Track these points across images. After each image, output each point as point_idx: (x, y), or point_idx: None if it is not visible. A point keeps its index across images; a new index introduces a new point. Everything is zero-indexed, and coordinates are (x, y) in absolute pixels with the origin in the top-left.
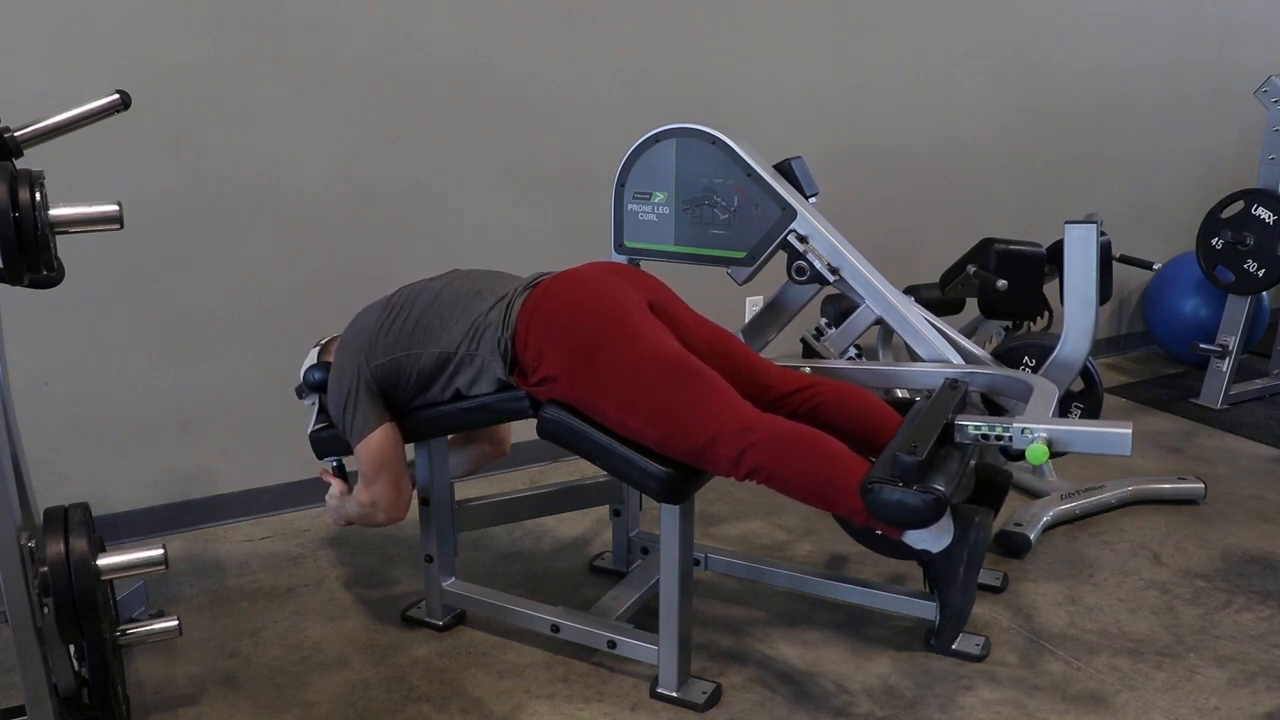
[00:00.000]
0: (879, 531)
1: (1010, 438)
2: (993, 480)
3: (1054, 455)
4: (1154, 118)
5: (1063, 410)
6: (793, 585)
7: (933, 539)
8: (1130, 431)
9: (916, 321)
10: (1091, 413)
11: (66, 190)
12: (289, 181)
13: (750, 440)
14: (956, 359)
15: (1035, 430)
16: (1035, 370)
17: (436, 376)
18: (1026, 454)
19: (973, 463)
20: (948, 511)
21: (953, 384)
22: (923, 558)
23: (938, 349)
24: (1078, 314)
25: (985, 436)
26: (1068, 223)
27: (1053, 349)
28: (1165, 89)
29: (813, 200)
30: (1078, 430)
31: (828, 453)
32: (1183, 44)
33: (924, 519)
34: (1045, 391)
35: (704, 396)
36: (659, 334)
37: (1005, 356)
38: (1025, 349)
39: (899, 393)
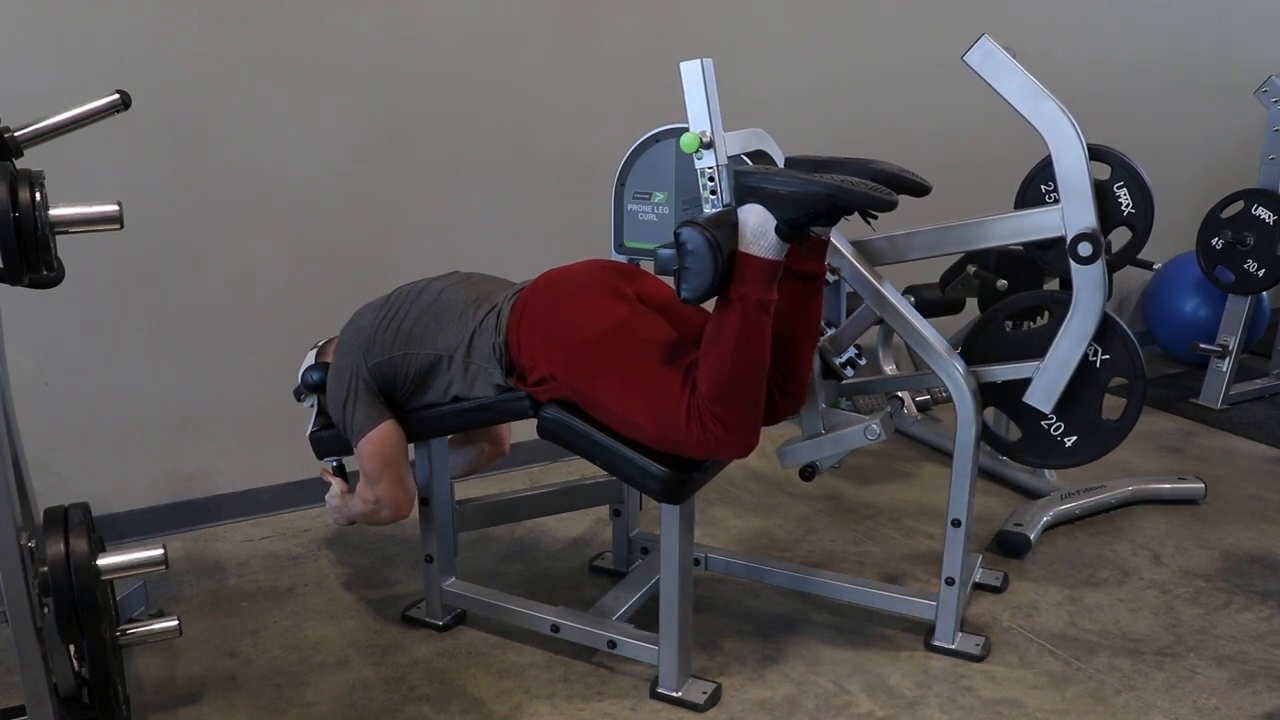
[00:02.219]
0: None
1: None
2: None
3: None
4: (1154, 117)
5: (1105, 198)
6: (793, 585)
7: (760, 224)
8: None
9: (916, 322)
10: (1138, 187)
11: (66, 190)
12: (289, 181)
13: (694, 374)
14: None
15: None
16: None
17: (432, 378)
18: (681, 144)
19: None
20: (748, 208)
21: None
22: (786, 231)
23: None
24: (1036, 113)
25: (706, 192)
26: (964, 54)
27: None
28: (1166, 88)
29: None
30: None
31: (705, 328)
32: (1183, 43)
33: (703, 246)
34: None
35: (680, 379)
36: (650, 323)
37: (1026, 198)
38: (1034, 178)
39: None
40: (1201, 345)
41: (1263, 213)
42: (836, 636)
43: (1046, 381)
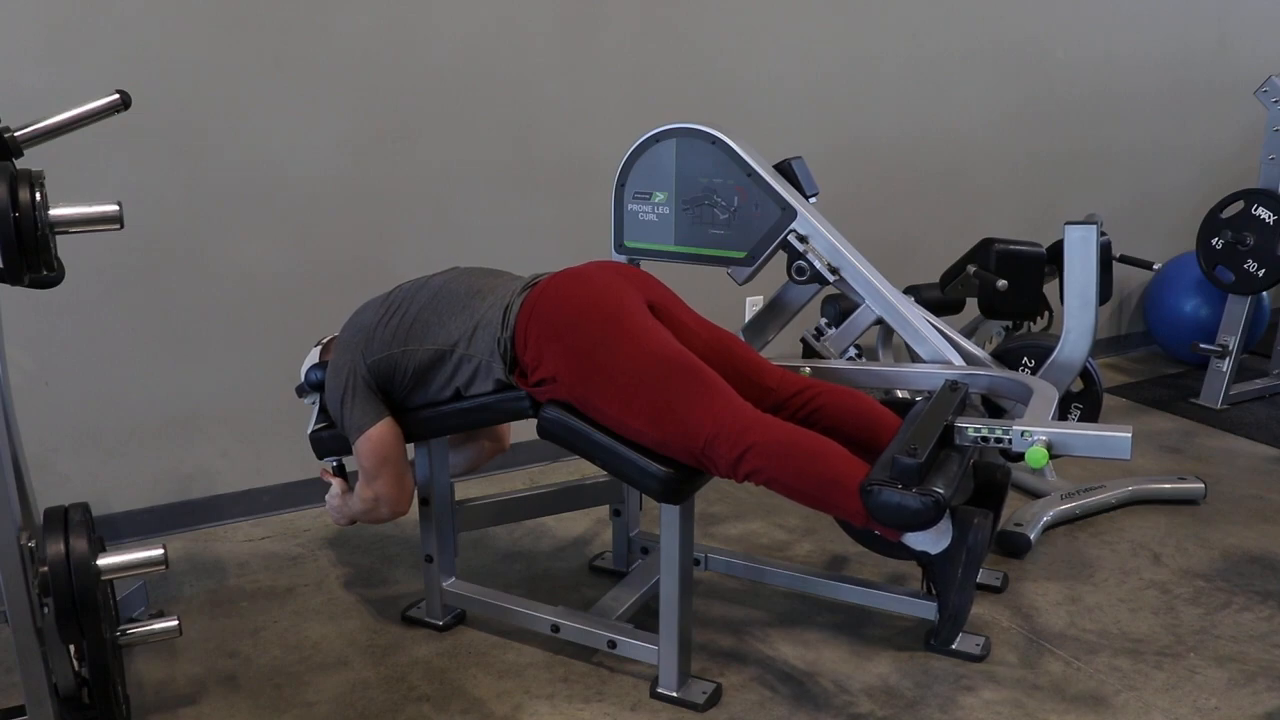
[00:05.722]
0: (878, 533)
1: (1010, 440)
2: (992, 479)
3: (1054, 458)
4: (1154, 116)
5: (1062, 411)
6: (793, 585)
7: (932, 541)
8: (1130, 435)
9: (917, 322)
10: (1090, 413)
11: (66, 190)
12: (289, 181)
13: (750, 442)
14: (957, 359)
15: (1035, 433)
16: (1034, 371)
17: (433, 374)
18: (1026, 457)
19: (972, 462)
20: (946, 513)
21: (952, 385)
22: (922, 558)
23: (938, 349)
24: (1078, 314)
25: (985, 439)
26: (1068, 224)
27: (1052, 349)
28: (1166, 87)
29: (812, 200)
30: (1078, 434)
31: (827, 455)
32: (1183, 43)
33: (923, 521)
34: (1045, 394)
35: (704, 397)
36: (659, 334)
37: (1004, 357)
38: (1024, 349)
39: (899, 393)
40: (1201, 345)
41: (1263, 213)
42: (836, 637)
43: None
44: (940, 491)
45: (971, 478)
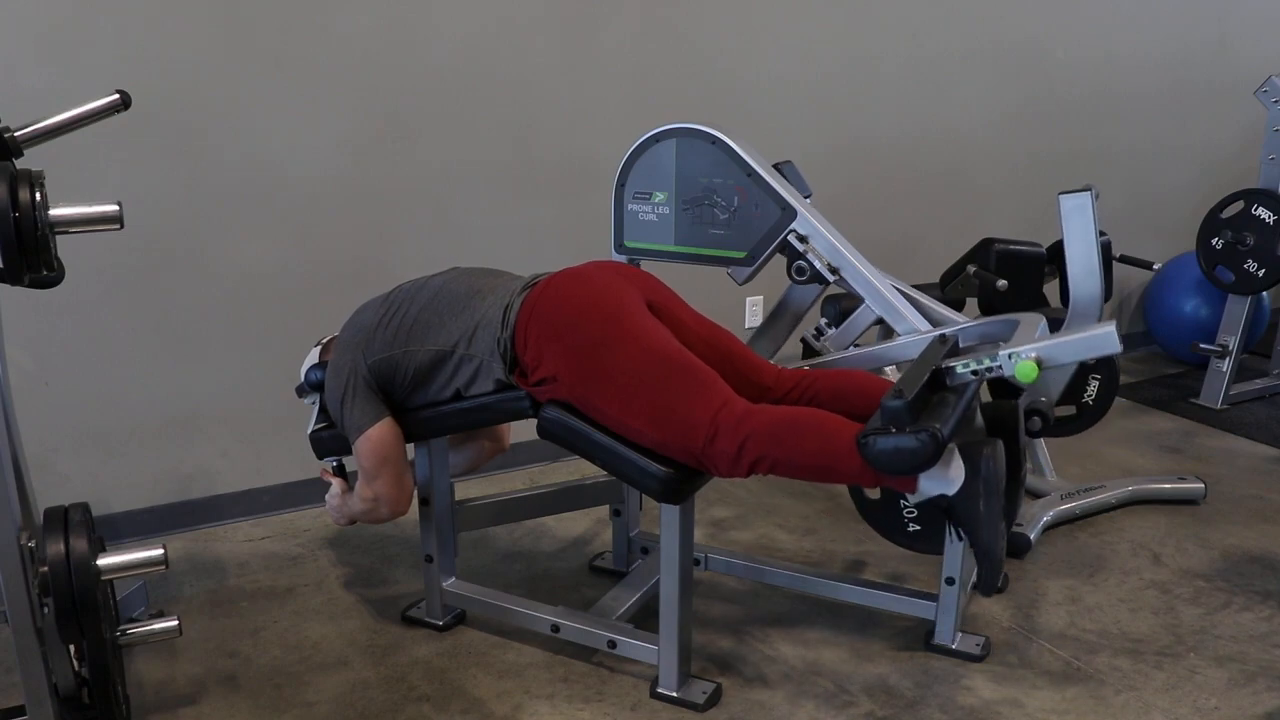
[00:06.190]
0: (895, 491)
1: (999, 365)
2: (999, 414)
3: (1045, 369)
4: (1154, 116)
5: (1080, 381)
6: (793, 585)
7: (944, 482)
8: (1114, 327)
9: (915, 320)
10: (1109, 383)
11: (66, 190)
12: (289, 181)
13: (748, 431)
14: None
15: (1021, 352)
16: None
17: (433, 374)
18: (1016, 373)
19: (975, 406)
20: (955, 453)
21: (942, 338)
22: (941, 504)
23: (938, 319)
24: (1083, 281)
25: (976, 373)
26: (1062, 194)
27: (1063, 321)
28: (1166, 87)
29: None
30: (1061, 341)
31: (824, 425)
32: (1183, 43)
33: (923, 458)
34: (1030, 321)
35: (703, 396)
36: (659, 333)
37: None
38: None
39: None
40: (1201, 345)
41: (1263, 213)
42: (836, 637)
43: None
44: (935, 426)
45: (977, 420)
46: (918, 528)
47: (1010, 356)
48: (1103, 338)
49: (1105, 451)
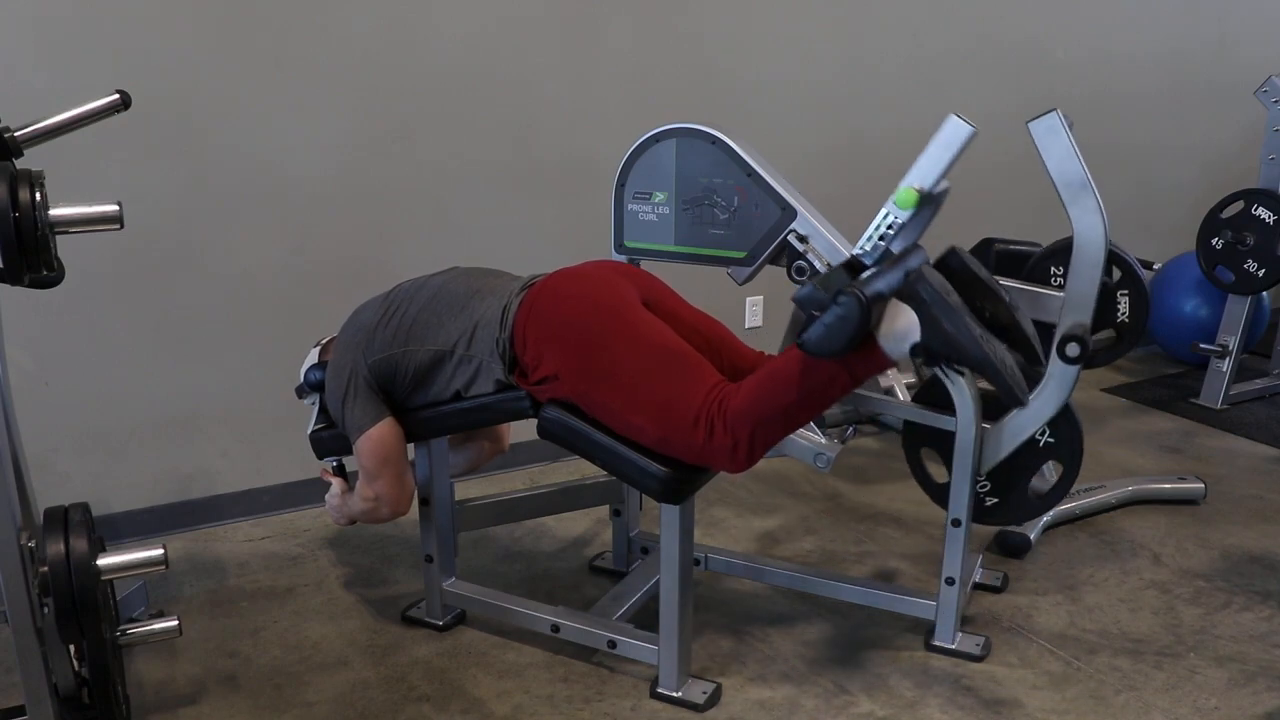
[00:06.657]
0: (872, 366)
1: (889, 213)
2: (944, 261)
3: (926, 194)
4: (1154, 116)
5: (1109, 299)
6: (793, 585)
7: (903, 333)
8: (963, 119)
9: None
10: (1139, 300)
11: (66, 190)
12: (289, 181)
13: (733, 411)
14: None
15: (896, 192)
16: (1065, 278)
17: (433, 374)
18: (896, 203)
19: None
20: (897, 304)
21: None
22: (918, 353)
23: None
24: (1078, 199)
25: (872, 236)
26: (1029, 121)
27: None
28: (1166, 87)
29: None
30: (923, 156)
31: (786, 362)
32: (1183, 43)
33: (854, 319)
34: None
35: (697, 383)
36: (657, 327)
37: (1034, 272)
38: (1050, 258)
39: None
40: (1201, 345)
41: (1263, 213)
42: (836, 636)
43: (990, 446)
44: (848, 287)
45: (918, 295)
46: (995, 500)
47: (893, 202)
48: (953, 128)
49: (1105, 451)
